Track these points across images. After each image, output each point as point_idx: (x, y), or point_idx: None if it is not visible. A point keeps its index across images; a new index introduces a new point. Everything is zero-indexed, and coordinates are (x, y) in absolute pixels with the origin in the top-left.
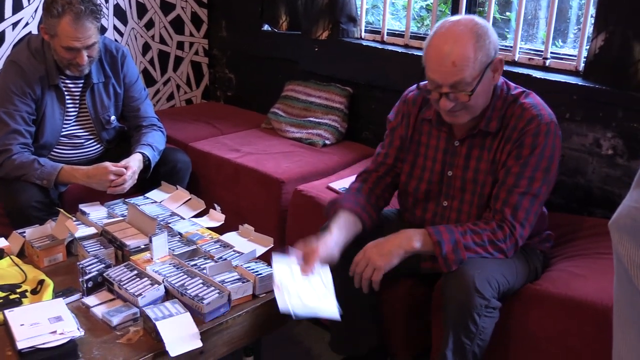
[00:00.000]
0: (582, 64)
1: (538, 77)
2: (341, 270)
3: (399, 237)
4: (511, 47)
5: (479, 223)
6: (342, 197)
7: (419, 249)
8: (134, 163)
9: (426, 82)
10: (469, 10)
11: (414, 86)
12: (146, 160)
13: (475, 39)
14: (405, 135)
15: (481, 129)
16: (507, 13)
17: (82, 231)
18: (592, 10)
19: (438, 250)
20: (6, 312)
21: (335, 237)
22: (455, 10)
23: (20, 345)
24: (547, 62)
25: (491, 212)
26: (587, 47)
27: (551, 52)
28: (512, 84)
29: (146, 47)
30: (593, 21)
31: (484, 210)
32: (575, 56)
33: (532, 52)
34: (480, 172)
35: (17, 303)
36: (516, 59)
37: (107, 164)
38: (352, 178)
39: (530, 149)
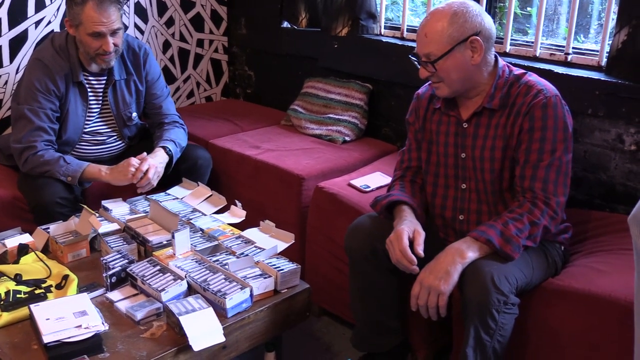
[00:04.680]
0: (605, 59)
1: (560, 72)
2: (366, 267)
3: (448, 255)
4: (532, 42)
5: (514, 209)
6: (397, 194)
7: (474, 256)
8: (154, 158)
9: None
10: (489, 6)
11: (427, 83)
12: (169, 151)
13: (451, 16)
14: (419, 128)
15: (485, 106)
16: (528, 8)
17: (105, 227)
18: (614, 5)
19: (492, 248)
20: (32, 306)
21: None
22: None
23: (46, 339)
24: (569, 58)
25: (521, 193)
26: (610, 42)
27: (573, 48)
28: (513, 67)
29: (166, 45)
30: (615, 16)
31: (501, 188)
32: (597, 51)
33: (554, 47)
34: (490, 149)
35: (42, 298)
36: (537, 55)
37: (131, 158)
38: (373, 175)
39: (542, 121)
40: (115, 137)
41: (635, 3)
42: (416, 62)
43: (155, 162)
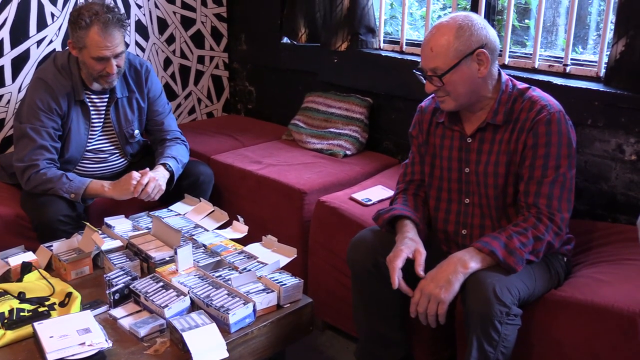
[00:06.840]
0: (603, 70)
1: (559, 83)
2: (369, 280)
3: (451, 264)
4: (531, 54)
5: (518, 222)
6: (400, 208)
7: (476, 267)
8: (154, 172)
9: None
10: (488, 18)
11: (430, 96)
12: (169, 168)
13: (457, 30)
14: (422, 141)
15: (488, 122)
16: (526, 21)
17: (108, 244)
18: (611, 16)
19: (495, 259)
20: (36, 324)
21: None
22: None
23: (50, 357)
24: (568, 69)
25: (525, 209)
26: (608, 52)
27: (571, 59)
28: (516, 81)
29: (167, 62)
30: (613, 27)
31: (505, 203)
32: (595, 62)
33: (552, 59)
34: (494, 164)
35: (45, 316)
36: (536, 66)
37: (132, 172)
38: (375, 188)
39: (546, 137)
40: (118, 154)
41: (632, 14)
42: (421, 77)
43: (156, 176)
